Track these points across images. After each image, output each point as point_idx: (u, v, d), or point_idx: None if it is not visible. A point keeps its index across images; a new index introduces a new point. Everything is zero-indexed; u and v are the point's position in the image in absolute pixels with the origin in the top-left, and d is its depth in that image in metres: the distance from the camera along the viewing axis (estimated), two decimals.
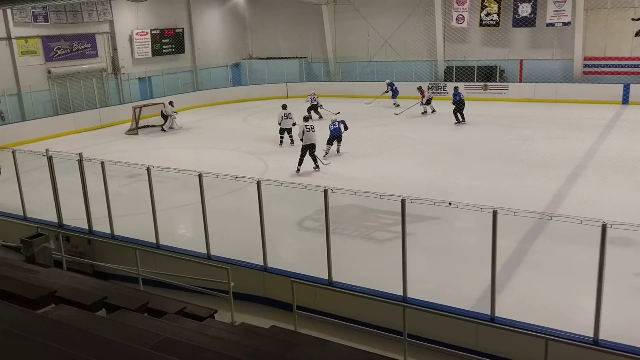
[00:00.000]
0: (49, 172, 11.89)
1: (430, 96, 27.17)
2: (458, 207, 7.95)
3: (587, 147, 18.88)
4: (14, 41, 25.29)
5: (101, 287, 8.23)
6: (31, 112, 25.73)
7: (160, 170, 10.74)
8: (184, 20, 34.03)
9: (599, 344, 7.20)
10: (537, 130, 21.77)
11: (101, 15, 29.11)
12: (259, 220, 9.61)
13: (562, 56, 29.52)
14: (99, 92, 28.79)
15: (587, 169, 16.51)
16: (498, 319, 7.84)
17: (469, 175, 16.21)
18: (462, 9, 30.71)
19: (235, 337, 6.36)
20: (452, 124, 23.85)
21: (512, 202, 12.05)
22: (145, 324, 5.98)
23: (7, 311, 5.23)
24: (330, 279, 9.12)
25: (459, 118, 24.01)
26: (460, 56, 31.97)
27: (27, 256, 10.82)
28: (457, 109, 23.99)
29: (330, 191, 8.79)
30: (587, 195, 13.99)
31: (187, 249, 10.67)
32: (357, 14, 34.03)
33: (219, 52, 36.32)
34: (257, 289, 9.89)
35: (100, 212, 11.54)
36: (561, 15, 28.19)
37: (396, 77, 32.50)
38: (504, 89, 30.06)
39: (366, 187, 10.11)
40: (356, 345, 7.32)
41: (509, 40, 30.58)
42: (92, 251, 11.54)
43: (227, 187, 12.92)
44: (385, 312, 8.44)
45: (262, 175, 16.31)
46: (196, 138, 24.35)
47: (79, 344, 4.32)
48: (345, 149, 19.58)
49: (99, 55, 29.35)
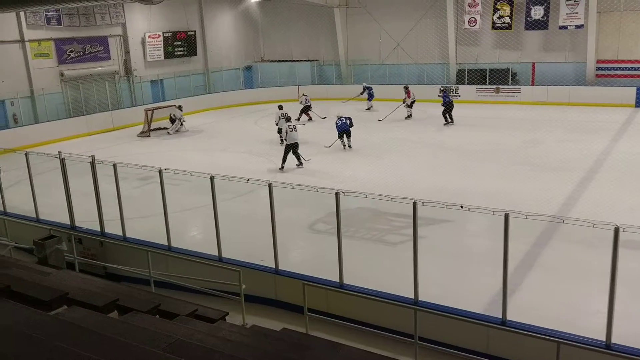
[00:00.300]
0: (61, 175, 11.96)
1: (414, 99, 26.78)
2: (470, 210, 7.91)
3: (600, 150, 18.76)
4: (27, 44, 25.52)
5: (113, 289, 8.27)
6: (44, 114, 25.94)
7: (172, 172, 10.76)
8: (196, 23, 34.18)
9: (611, 347, 7.14)
10: (549, 133, 21.65)
11: (114, 18, 29.30)
12: (271, 223, 9.62)
13: (574, 59, 29.35)
14: (112, 94, 28.95)
15: (600, 172, 16.40)
16: (509, 323, 7.80)
17: (480, 178, 16.15)
18: (474, 12, 30.61)
19: (246, 340, 6.37)
20: (459, 126, 23.88)
21: (524, 205, 11.99)
22: (156, 326, 6.00)
23: (20, 312, 5.27)
24: (342, 282, 9.11)
25: (447, 119, 24.80)
26: (472, 59, 31.87)
27: (40, 258, 10.89)
28: (446, 110, 24.86)
29: (341, 194, 8.79)
30: (600, 198, 13.87)
31: (199, 251, 10.69)
32: (369, 17, 34.02)
33: (231, 54, 36.45)
34: (269, 291, 9.89)
35: (112, 214, 11.59)
36: (574, 18, 28.03)
37: (408, 80, 32.49)
38: (516, 92, 29.92)
39: (377, 189, 10.11)
40: (367, 348, 7.32)
41: (522, 43, 30.46)
42: (104, 253, 11.59)
43: (238, 189, 12.94)
44: (397, 315, 8.42)
45: (273, 177, 16.34)
46: (208, 140, 24.43)
47: (91, 345, 4.35)
48: (356, 152, 19.57)
49: (112, 58, 29.55)
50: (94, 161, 11.46)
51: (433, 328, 8.10)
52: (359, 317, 8.67)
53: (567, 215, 12.27)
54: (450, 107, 24.86)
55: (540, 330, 7.49)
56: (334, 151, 20.39)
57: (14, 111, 25.07)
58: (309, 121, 26.24)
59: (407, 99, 26.70)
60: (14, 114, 25.06)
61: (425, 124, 25.68)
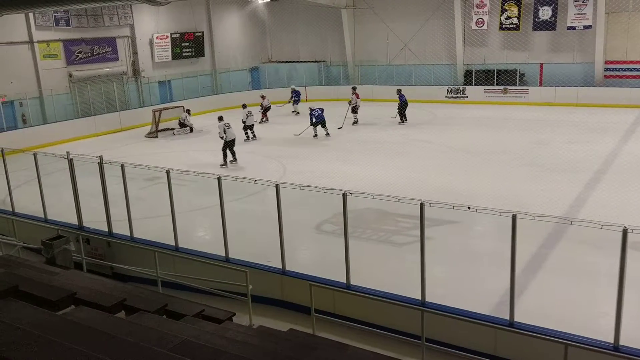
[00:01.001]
0: (69, 175, 12.01)
1: (356, 104, 25.74)
2: (477, 211, 7.89)
3: (608, 152, 18.67)
4: (36, 45, 25.67)
5: (120, 289, 8.30)
6: (52, 115, 26.07)
7: (179, 173, 10.79)
8: (204, 24, 34.26)
9: (619, 349, 7.10)
10: (557, 134, 21.58)
11: (122, 19, 29.42)
12: (278, 224, 9.63)
13: (582, 60, 29.23)
14: (119, 95, 29.07)
15: (608, 174, 16.32)
16: (517, 324, 7.76)
17: (488, 179, 16.10)
18: (482, 13, 30.54)
19: (253, 340, 6.38)
20: (467, 127, 23.89)
21: (532, 206, 11.99)
22: (164, 326, 6.02)
23: (28, 312, 5.30)
24: (349, 282, 9.10)
25: (402, 118, 25.31)
26: (480, 60, 31.80)
27: (48, 258, 10.93)
28: (401, 109, 25.34)
29: (349, 195, 8.79)
30: (608, 199, 13.82)
31: (206, 251, 10.71)
32: (376, 18, 34.00)
33: (238, 55, 36.52)
34: (275, 292, 9.90)
35: (120, 214, 11.63)
36: (582, 18, 27.92)
37: (415, 81, 32.49)
38: (524, 93, 29.84)
39: (384, 190, 10.09)
40: (374, 349, 7.31)
41: (529, 43, 30.37)
42: (112, 253, 11.63)
43: (245, 190, 12.96)
44: (404, 316, 8.41)
45: (280, 178, 16.35)
46: (215, 141, 24.39)
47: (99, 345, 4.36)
48: (363, 152, 19.59)
49: (120, 59, 29.68)
50: (102, 161, 11.50)
51: (440, 329, 8.08)
52: (366, 317, 8.66)
53: (575, 216, 12.21)
54: (404, 107, 25.42)
55: (547, 332, 7.45)
56: (341, 152, 20.43)
57: (22, 112, 25.22)
58: (265, 122, 27.40)
59: (353, 102, 25.75)
60: (22, 115, 25.20)
61: (432, 124, 25.65)
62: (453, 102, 31.22)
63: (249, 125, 23.33)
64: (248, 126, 23.31)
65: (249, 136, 23.43)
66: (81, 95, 27.51)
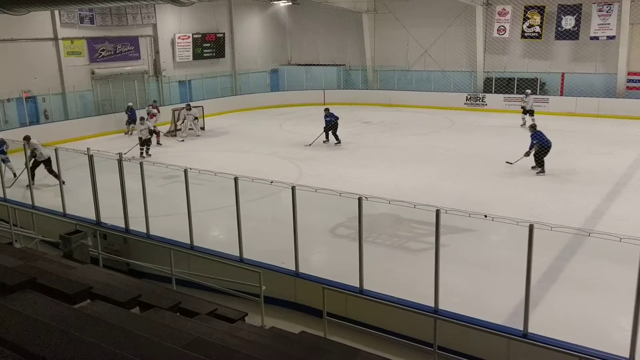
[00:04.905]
0: (89, 171, 12.13)
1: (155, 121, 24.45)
2: (494, 220, 7.85)
3: (629, 164, 18.48)
4: (60, 42, 25.98)
5: (135, 285, 8.34)
6: (74, 111, 26.38)
7: (197, 172, 10.85)
8: (225, 25, 34.43)
9: None
10: (577, 145, 21.37)
11: (145, 19, 29.68)
12: (292, 226, 9.65)
13: (605, 70, 28.97)
14: (140, 93, 29.30)
15: (628, 186, 16.15)
16: (531, 335, 7.71)
17: (505, 188, 16.03)
18: (503, 20, 30.39)
19: (265, 341, 6.39)
20: (486, 135, 23.77)
21: (549, 216, 11.89)
22: (177, 323, 6.05)
23: (45, 304, 5.36)
24: (362, 287, 9.09)
25: (329, 138, 23.04)
26: (500, 67, 31.65)
27: (65, 252, 11.05)
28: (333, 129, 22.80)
29: (364, 199, 8.78)
30: (627, 212, 13.65)
31: (220, 251, 10.76)
32: (397, 23, 33.98)
33: (259, 57, 36.65)
34: (288, 293, 9.92)
35: (137, 211, 11.73)
36: (606, 28, 27.68)
37: (434, 87, 32.38)
38: (544, 102, 29.59)
39: (399, 196, 10.06)
40: (385, 355, 7.27)
41: (551, 52, 30.16)
42: (128, 249, 11.73)
43: (261, 191, 12.99)
44: (416, 323, 8.38)
45: (296, 180, 16.36)
46: (232, 142, 24.60)
47: (113, 339, 4.40)
48: (379, 158, 19.56)
49: (142, 58, 29.94)
50: (121, 159, 11.62)
51: (453, 338, 8.04)
52: (378, 323, 8.64)
53: (593, 228, 12.10)
54: (332, 127, 22.79)
55: (562, 344, 7.39)
56: (358, 156, 20.44)
57: (45, 107, 25.52)
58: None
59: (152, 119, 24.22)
60: (45, 110, 25.50)
61: (450, 131, 25.55)
62: (472, 109, 31.07)
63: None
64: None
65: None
66: (103, 93, 27.78)
